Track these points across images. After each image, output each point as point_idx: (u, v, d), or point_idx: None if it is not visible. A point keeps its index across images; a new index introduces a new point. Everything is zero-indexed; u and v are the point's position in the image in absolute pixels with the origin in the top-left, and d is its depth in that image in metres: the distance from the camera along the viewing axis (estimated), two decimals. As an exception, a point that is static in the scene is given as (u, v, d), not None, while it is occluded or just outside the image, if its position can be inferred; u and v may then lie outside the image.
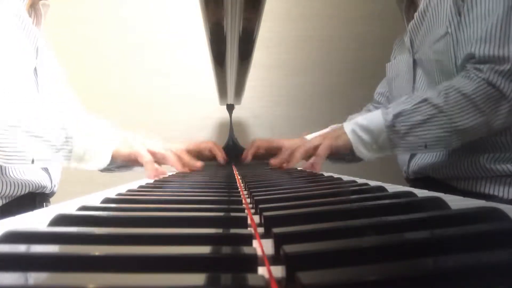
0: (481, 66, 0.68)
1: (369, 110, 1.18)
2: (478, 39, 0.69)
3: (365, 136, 0.75)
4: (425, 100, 0.72)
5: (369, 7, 1.48)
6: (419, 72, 0.90)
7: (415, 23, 0.88)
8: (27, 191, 0.78)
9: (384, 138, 0.74)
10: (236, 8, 0.51)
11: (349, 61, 1.49)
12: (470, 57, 0.71)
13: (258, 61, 1.29)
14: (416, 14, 0.87)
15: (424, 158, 0.86)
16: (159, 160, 0.79)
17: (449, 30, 0.76)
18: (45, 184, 0.84)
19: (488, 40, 0.68)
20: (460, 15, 0.74)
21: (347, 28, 1.49)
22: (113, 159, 0.74)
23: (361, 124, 0.76)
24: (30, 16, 0.86)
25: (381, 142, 0.74)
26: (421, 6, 0.85)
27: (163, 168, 0.82)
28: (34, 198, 0.82)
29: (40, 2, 0.87)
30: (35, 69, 0.84)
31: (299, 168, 0.84)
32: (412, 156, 0.90)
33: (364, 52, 1.48)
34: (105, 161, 0.73)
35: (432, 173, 0.83)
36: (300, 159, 0.80)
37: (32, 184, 0.79)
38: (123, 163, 0.78)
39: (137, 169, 0.84)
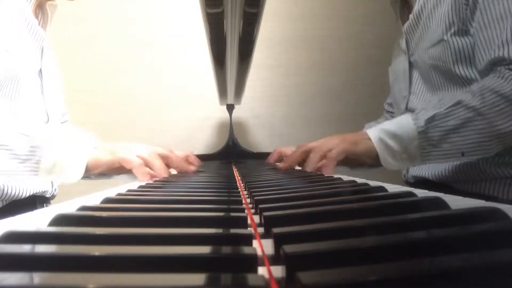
0: None
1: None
2: (505, 42, 0.64)
3: (393, 144, 0.68)
4: (459, 102, 0.66)
5: (369, 7, 1.48)
6: (416, 74, 0.88)
7: (410, 25, 0.86)
8: (27, 194, 0.78)
9: (415, 146, 0.66)
10: (236, 8, 0.51)
11: (349, 61, 1.49)
12: (499, 60, 0.66)
13: (258, 61, 1.29)
14: (411, 16, 0.85)
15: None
16: (146, 165, 0.72)
17: (445, 37, 0.74)
18: (46, 189, 0.83)
19: None
20: (462, 20, 0.71)
21: (347, 28, 1.49)
22: (92, 169, 0.67)
23: (388, 130, 0.69)
24: (37, 16, 0.86)
25: (412, 151, 0.67)
26: (416, 7, 0.83)
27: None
28: (34, 201, 0.82)
29: (48, 3, 0.87)
30: (40, 70, 0.84)
31: (297, 168, 0.84)
32: None
33: (364, 52, 1.48)
34: (79, 173, 0.66)
35: (432, 176, 0.83)
36: (315, 166, 0.73)
37: (33, 188, 0.78)
38: (105, 172, 0.71)
39: (118, 176, 0.78)
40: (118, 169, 0.71)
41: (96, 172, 0.69)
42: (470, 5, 0.70)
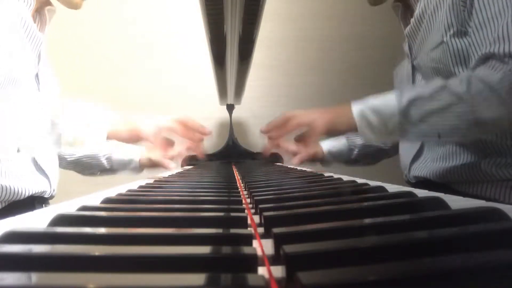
0: (506, 59, 0.64)
1: None
2: (496, 39, 0.65)
3: (374, 119, 0.69)
4: (444, 86, 0.66)
5: (369, 7, 1.48)
6: (418, 78, 0.88)
7: (412, 29, 0.86)
8: (26, 195, 0.77)
9: (394, 122, 0.68)
10: (236, 8, 0.51)
11: (349, 61, 1.49)
12: (490, 56, 0.66)
13: (258, 61, 1.29)
14: (412, 20, 0.85)
15: (425, 163, 0.85)
16: (165, 132, 0.74)
17: (445, 39, 0.74)
18: (44, 189, 0.83)
19: (506, 38, 0.64)
20: (460, 22, 0.72)
21: (347, 28, 1.49)
22: (111, 138, 0.69)
23: (372, 105, 0.70)
24: (34, 21, 0.85)
25: (391, 127, 0.68)
26: (417, 11, 0.83)
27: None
28: (33, 201, 0.82)
29: (46, 8, 0.87)
30: (37, 75, 0.84)
31: (295, 167, 0.84)
32: (413, 160, 0.89)
33: (364, 52, 1.48)
34: (100, 143, 0.68)
35: (433, 177, 0.83)
36: (291, 130, 0.74)
37: (31, 189, 0.78)
38: (123, 141, 0.73)
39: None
40: (136, 139, 0.72)
41: (117, 139, 0.71)
42: (467, 6, 0.70)
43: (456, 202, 0.29)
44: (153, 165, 0.78)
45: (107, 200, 0.37)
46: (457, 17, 0.72)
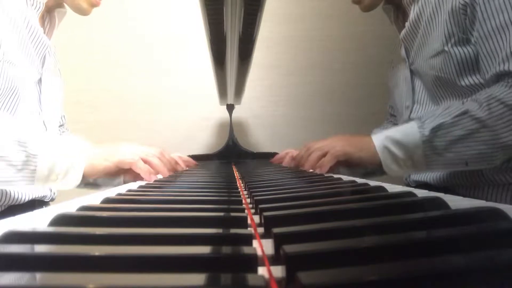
0: None
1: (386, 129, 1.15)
2: (509, 55, 0.63)
3: (398, 152, 0.68)
4: (465, 112, 0.65)
5: (369, 7, 1.48)
6: (418, 83, 0.87)
7: (408, 33, 0.85)
8: (26, 200, 0.77)
9: (420, 154, 0.67)
10: (236, 8, 0.51)
11: (349, 61, 1.49)
12: (504, 74, 0.65)
13: (258, 61, 1.29)
14: (407, 24, 0.84)
15: None
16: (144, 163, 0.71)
17: (446, 48, 0.73)
18: (44, 193, 0.83)
19: None
20: (462, 30, 0.71)
21: (347, 28, 1.49)
22: (88, 175, 0.66)
23: (393, 138, 0.69)
24: (43, 22, 0.85)
25: (416, 159, 0.67)
26: (412, 15, 0.82)
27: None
28: (33, 204, 0.82)
29: (56, 10, 0.86)
30: (40, 80, 0.83)
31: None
32: None
33: (364, 52, 1.48)
34: (76, 180, 0.64)
35: (433, 181, 0.82)
36: (315, 163, 0.74)
37: (31, 194, 0.78)
38: (101, 177, 0.70)
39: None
40: (115, 173, 0.70)
41: (93, 178, 0.68)
42: (468, 15, 0.69)
43: (456, 202, 0.29)
44: (137, 178, 0.76)
45: (107, 200, 0.37)
46: (458, 25, 0.71)
